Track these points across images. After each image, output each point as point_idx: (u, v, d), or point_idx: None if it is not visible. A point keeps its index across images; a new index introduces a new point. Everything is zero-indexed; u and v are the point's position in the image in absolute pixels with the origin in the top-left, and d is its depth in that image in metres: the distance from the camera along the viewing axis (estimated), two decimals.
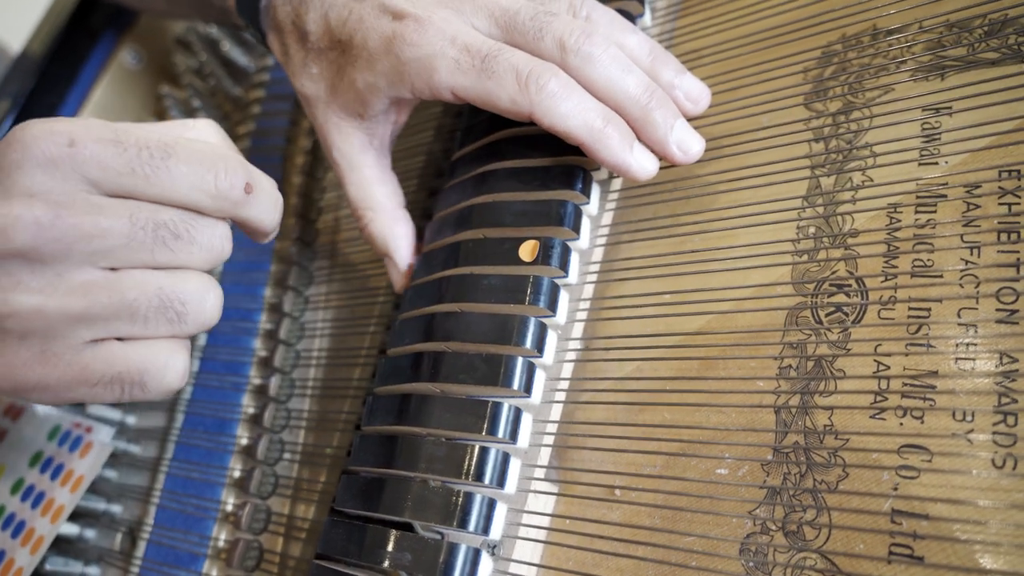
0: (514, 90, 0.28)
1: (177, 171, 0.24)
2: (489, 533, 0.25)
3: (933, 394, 0.23)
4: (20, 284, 0.23)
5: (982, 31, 0.27)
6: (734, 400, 0.26)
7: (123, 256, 0.24)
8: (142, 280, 0.24)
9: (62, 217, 0.23)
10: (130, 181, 0.23)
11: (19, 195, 0.22)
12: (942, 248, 0.25)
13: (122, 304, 0.24)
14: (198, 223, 0.25)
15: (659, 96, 0.29)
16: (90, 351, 0.24)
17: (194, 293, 0.25)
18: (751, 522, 0.24)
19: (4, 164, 0.23)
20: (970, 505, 0.21)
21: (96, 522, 0.39)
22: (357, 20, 0.31)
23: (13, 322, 0.23)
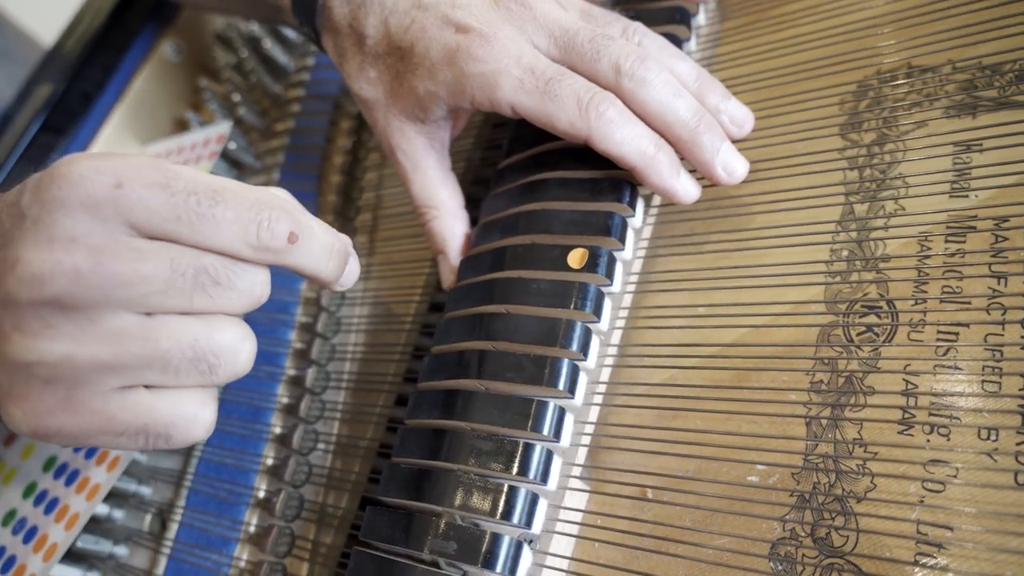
0: (574, 115, 0.29)
1: (222, 218, 0.23)
2: (532, 527, 0.27)
3: (959, 413, 0.24)
4: (50, 329, 0.22)
5: (1013, 75, 0.29)
6: (766, 410, 0.27)
7: (159, 302, 0.23)
8: (177, 329, 0.23)
9: (103, 264, 0.22)
10: (174, 227, 0.23)
11: (60, 238, 0.22)
12: (970, 276, 0.26)
13: (155, 354, 0.23)
14: (239, 269, 0.24)
15: (707, 120, 0.31)
16: (117, 400, 0.23)
17: (229, 345, 0.24)
18: (781, 527, 0.25)
19: (47, 200, 0.22)
20: (993, 519, 0.22)
21: (125, 503, 0.40)
22: (420, 29, 0.32)
23: (40, 368, 0.22)
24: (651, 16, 0.35)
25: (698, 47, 0.38)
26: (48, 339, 0.22)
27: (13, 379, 0.23)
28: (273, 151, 0.49)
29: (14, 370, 0.23)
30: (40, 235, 0.22)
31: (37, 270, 0.22)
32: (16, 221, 0.22)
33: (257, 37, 0.53)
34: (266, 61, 0.53)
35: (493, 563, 0.26)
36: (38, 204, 0.22)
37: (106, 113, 0.53)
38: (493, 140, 0.41)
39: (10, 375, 0.23)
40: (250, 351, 0.25)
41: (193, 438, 0.25)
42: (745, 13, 0.38)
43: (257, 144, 0.51)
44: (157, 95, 0.55)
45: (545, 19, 0.31)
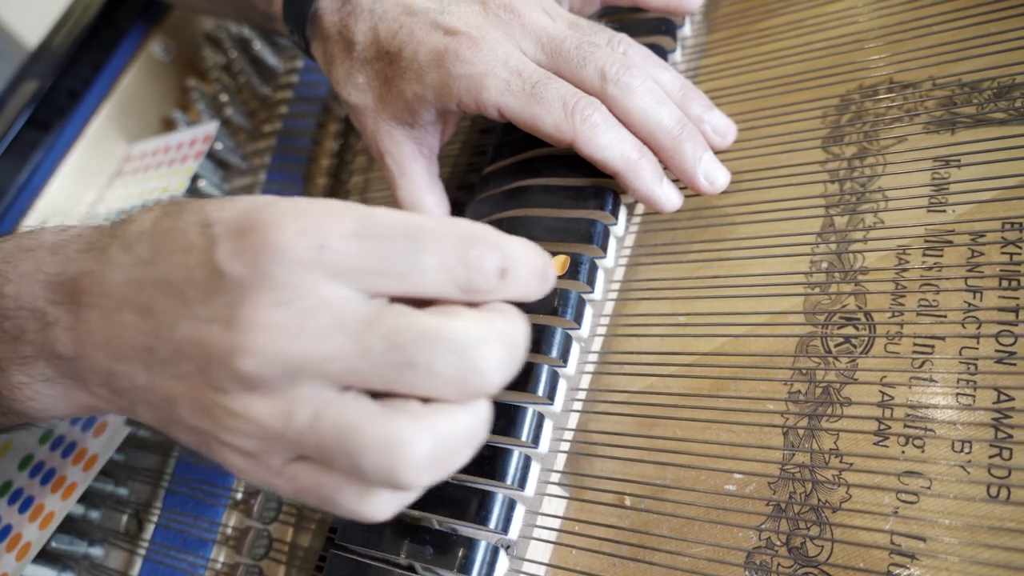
0: (560, 118, 0.29)
1: (427, 263, 0.21)
2: (508, 532, 0.27)
3: (934, 425, 0.25)
4: (249, 394, 0.21)
5: (991, 92, 0.30)
6: (744, 419, 0.28)
7: (356, 380, 0.21)
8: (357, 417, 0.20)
9: (295, 344, 0.20)
10: (379, 281, 0.21)
11: (257, 313, 0.20)
12: (947, 290, 0.27)
13: (342, 448, 0.20)
14: (435, 349, 0.20)
15: (689, 129, 0.31)
16: (295, 467, 0.22)
17: (415, 454, 0.20)
18: (757, 536, 0.25)
19: (255, 263, 0.20)
20: (966, 531, 0.23)
21: (101, 503, 0.39)
22: (408, 33, 0.32)
23: (238, 422, 0.21)
24: (637, 27, 0.35)
25: (684, 58, 0.38)
26: (249, 401, 0.21)
27: (216, 428, 0.22)
28: (260, 152, 0.49)
29: (218, 420, 0.21)
30: (254, 303, 0.20)
31: (251, 344, 0.20)
32: (215, 280, 0.21)
33: (247, 38, 0.53)
34: (255, 62, 0.53)
35: (469, 568, 0.26)
36: (243, 265, 0.20)
37: (93, 110, 0.53)
38: (479, 146, 0.41)
39: (214, 424, 0.21)
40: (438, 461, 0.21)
41: (359, 515, 0.22)
42: (731, 26, 0.38)
43: (244, 145, 0.51)
44: (145, 94, 0.55)
45: (533, 26, 0.32)
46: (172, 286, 0.21)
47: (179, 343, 0.21)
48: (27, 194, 0.50)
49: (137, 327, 0.22)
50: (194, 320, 0.21)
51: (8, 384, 0.25)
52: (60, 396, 0.25)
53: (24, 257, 0.25)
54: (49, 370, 0.24)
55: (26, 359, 0.25)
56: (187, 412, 0.22)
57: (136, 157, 0.52)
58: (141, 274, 0.22)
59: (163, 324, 0.22)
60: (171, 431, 0.23)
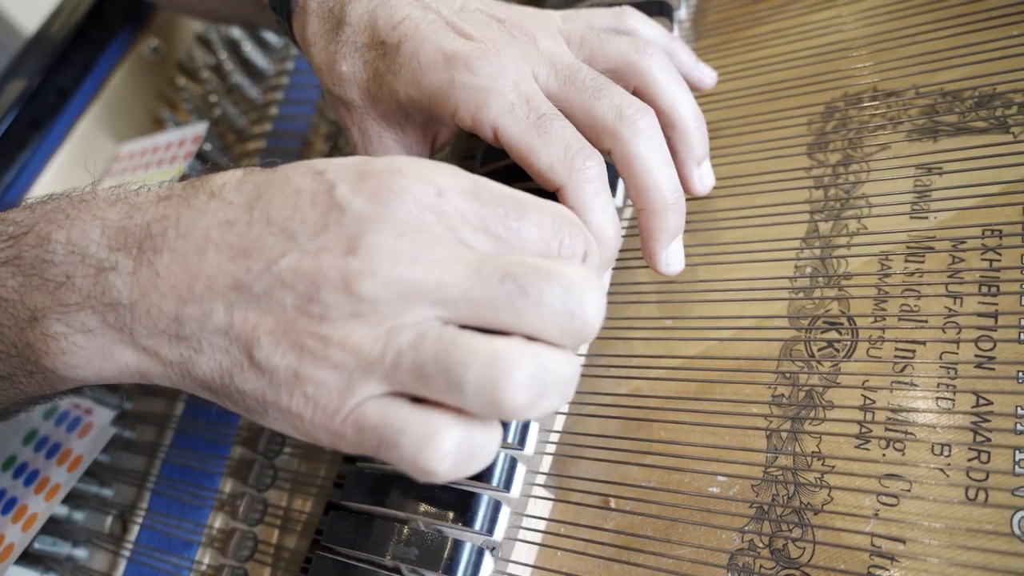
0: (558, 158, 0.27)
1: (527, 233, 0.23)
2: (493, 534, 0.27)
3: (914, 428, 0.25)
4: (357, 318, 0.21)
5: (972, 101, 0.30)
6: (728, 422, 0.28)
7: (465, 311, 0.21)
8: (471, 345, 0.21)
9: (414, 269, 0.21)
10: (480, 237, 0.22)
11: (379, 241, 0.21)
12: (928, 295, 0.27)
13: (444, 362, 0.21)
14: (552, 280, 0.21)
15: (681, 202, 0.29)
16: (371, 404, 0.22)
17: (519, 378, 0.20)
18: (740, 538, 0.26)
19: (378, 199, 0.22)
20: (945, 533, 0.23)
21: (85, 504, 0.39)
22: (412, 27, 0.29)
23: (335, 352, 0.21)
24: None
25: None
26: (351, 327, 0.21)
27: (303, 360, 0.22)
28: (249, 153, 0.49)
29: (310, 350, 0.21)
30: (373, 233, 0.21)
31: (373, 267, 0.21)
32: (333, 214, 0.22)
33: (237, 40, 0.53)
34: (245, 64, 0.53)
35: (454, 569, 0.26)
36: (366, 201, 0.22)
37: (82, 109, 0.52)
38: (469, 150, 0.41)
39: (302, 356, 0.22)
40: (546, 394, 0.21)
41: (422, 462, 0.21)
42: (718, 33, 0.38)
43: (234, 146, 0.51)
44: (134, 93, 0.54)
45: (548, 52, 0.30)
46: (276, 223, 0.22)
47: (281, 274, 0.22)
48: (14, 193, 0.50)
49: (225, 266, 0.22)
50: (302, 252, 0.22)
51: (42, 335, 0.24)
52: (98, 351, 0.24)
53: (79, 206, 0.25)
54: (93, 319, 0.23)
55: (68, 307, 0.23)
56: (268, 348, 0.22)
57: (124, 157, 0.52)
58: (234, 216, 0.23)
59: (261, 259, 0.22)
60: (234, 380, 0.23)
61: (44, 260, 0.24)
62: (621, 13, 0.33)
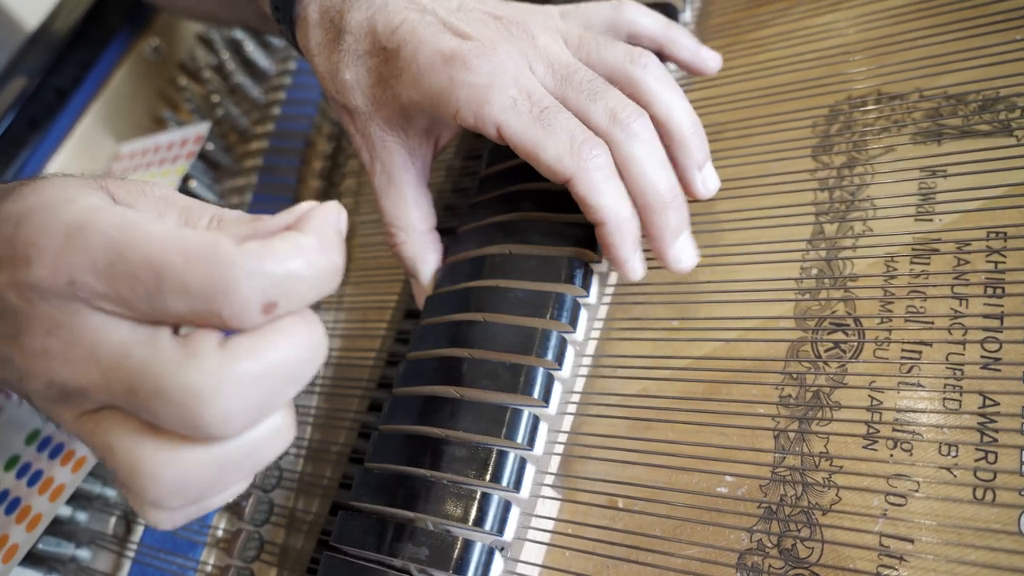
0: (564, 150, 0.28)
1: (174, 306, 0.20)
2: (504, 534, 0.27)
3: (921, 428, 0.25)
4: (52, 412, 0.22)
5: (976, 105, 0.30)
6: (736, 423, 0.28)
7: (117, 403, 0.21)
8: None
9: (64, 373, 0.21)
10: (129, 310, 0.21)
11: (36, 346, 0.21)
12: (934, 297, 0.27)
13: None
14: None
15: (681, 199, 0.30)
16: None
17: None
18: (748, 538, 0.26)
19: (25, 297, 0.21)
20: (953, 532, 0.23)
21: (89, 504, 0.39)
22: (410, 31, 0.29)
23: None
24: None
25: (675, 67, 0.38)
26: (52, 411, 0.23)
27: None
28: (252, 154, 0.48)
29: None
30: (31, 332, 0.21)
31: (32, 369, 0.22)
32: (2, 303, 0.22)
33: (238, 40, 0.53)
34: (247, 64, 0.52)
35: (464, 569, 0.26)
36: (16, 297, 0.21)
37: (82, 109, 0.52)
38: (474, 150, 0.41)
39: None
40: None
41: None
42: (723, 36, 0.39)
43: (236, 146, 0.50)
44: (135, 93, 0.54)
45: (546, 50, 0.30)
46: None
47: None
48: None
49: None
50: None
51: None
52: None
53: None
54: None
55: None
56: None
57: (125, 156, 0.52)
58: None
59: None
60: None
61: None
62: (619, 6, 0.33)
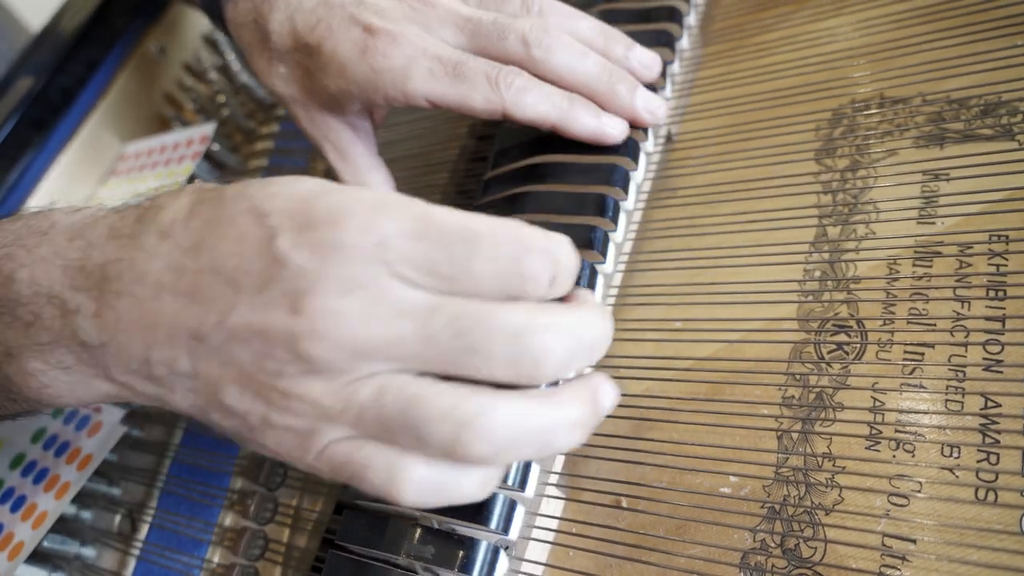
0: (487, 91, 0.30)
1: (480, 268, 0.21)
2: (509, 533, 0.27)
3: (924, 430, 0.25)
4: (306, 379, 0.21)
5: (979, 109, 0.31)
6: (739, 423, 0.28)
7: (418, 365, 0.21)
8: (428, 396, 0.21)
9: (362, 330, 0.21)
10: (434, 282, 0.22)
11: (323, 301, 0.21)
12: (936, 299, 0.27)
13: (406, 417, 0.21)
14: (502, 334, 0.21)
15: (617, 72, 0.33)
16: (338, 447, 0.22)
17: (481, 426, 0.21)
18: (751, 537, 0.26)
19: (320, 254, 0.21)
20: (955, 532, 0.23)
21: (94, 503, 0.39)
22: (326, 28, 0.32)
23: (298, 406, 0.21)
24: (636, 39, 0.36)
25: (680, 70, 0.39)
26: (307, 384, 0.21)
27: (270, 409, 0.22)
28: (258, 154, 0.49)
29: (274, 402, 0.22)
30: (317, 292, 0.21)
31: (320, 329, 0.21)
32: (276, 268, 0.21)
33: None
34: None
35: (470, 568, 0.26)
36: (308, 256, 0.21)
37: (87, 109, 0.52)
38: (478, 152, 0.42)
39: (268, 405, 0.22)
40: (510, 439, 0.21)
41: (390, 496, 0.22)
42: (726, 40, 0.39)
43: (242, 146, 0.51)
44: (140, 93, 0.54)
45: (447, 12, 0.32)
46: (223, 273, 0.21)
47: (233, 329, 0.21)
48: (18, 193, 0.50)
49: (180, 314, 0.22)
50: (251, 307, 0.21)
51: (21, 371, 0.24)
52: (78, 384, 0.24)
53: (38, 241, 0.24)
54: (69, 357, 0.24)
55: (43, 346, 0.24)
56: (235, 397, 0.22)
57: (131, 156, 0.52)
58: (183, 261, 0.22)
59: (213, 311, 0.21)
60: (209, 416, 0.23)
61: (10, 299, 0.24)
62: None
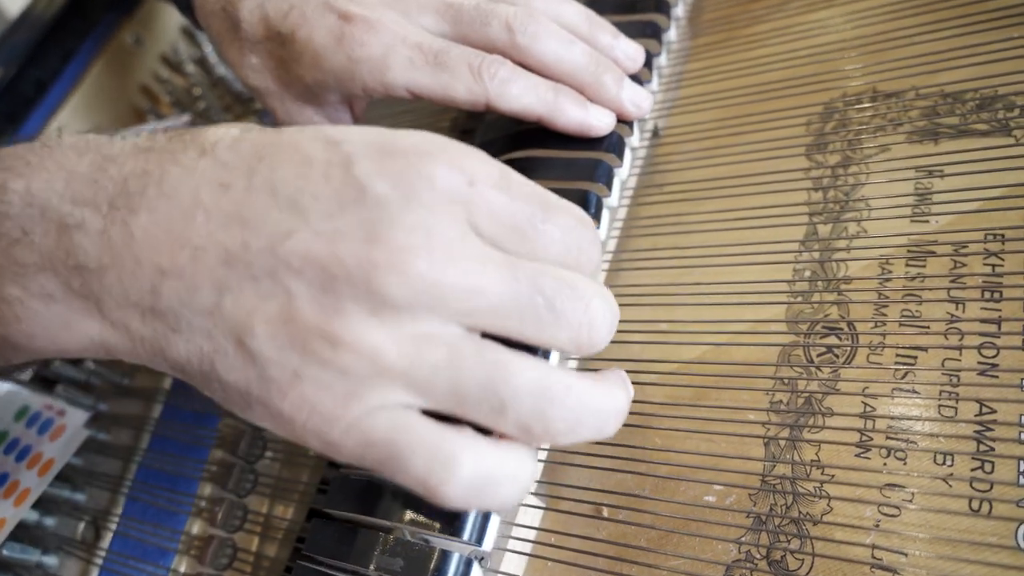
0: (469, 81, 0.29)
1: (552, 234, 0.22)
2: (483, 544, 0.26)
3: (916, 437, 0.24)
4: (374, 319, 0.19)
5: (974, 104, 0.30)
6: (725, 429, 0.27)
7: (489, 321, 0.20)
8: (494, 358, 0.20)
9: (448, 270, 0.19)
10: (508, 236, 0.21)
11: (406, 234, 0.19)
12: (929, 300, 0.26)
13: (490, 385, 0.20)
14: (574, 294, 0.21)
15: (604, 61, 0.31)
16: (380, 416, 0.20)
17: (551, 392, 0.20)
18: (736, 549, 0.25)
19: (406, 184, 0.20)
20: (948, 545, 0.22)
21: (56, 509, 0.38)
22: (300, 15, 0.30)
23: (346, 356, 0.19)
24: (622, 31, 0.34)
25: (668, 62, 0.37)
26: (368, 328, 0.19)
27: (306, 360, 0.19)
28: None
29: (314, 350, 0.19)
30: (399, 223, 0.19)
31: (401, 264, 0.19)
32: (351, 194, 0.19)
33: None
34: None
35: None
36: (391, 184, 0.20)
37: (60, 101, 0.51)
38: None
39: (304, 355, 0.19)
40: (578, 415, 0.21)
41: (435, 486, 0.20)
42: (716, 31, 0.38)
43: None
44: (115, 85, 0.53)
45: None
46: (282, 195, 0.20)
47: (287, 256, 0.19)
48: None
49: (217, 236, 0.19)
50: (314, 233, 0.19)
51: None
52: (58, 320, 0.21)
53: (40, 153, 0.22)
54: (53, 284, 0.20)
55: (26, 267, 0.20)
56: (263, 341, 0.19)
57: None
58: (231, 179, 0.20)
59: (263, 235, 0.19)
60: (214, 369, 0.20)
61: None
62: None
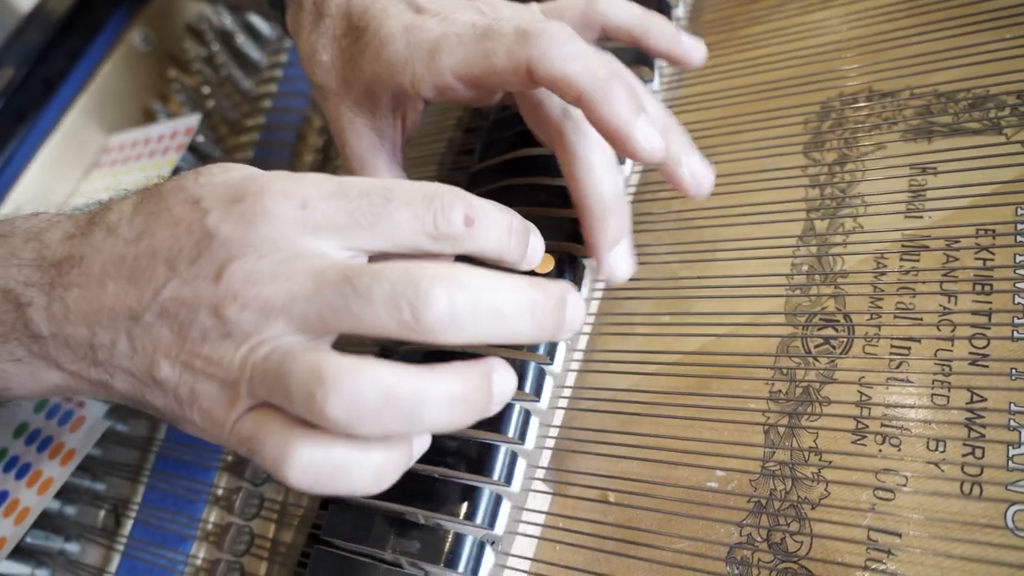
0: (512, 41, 0.26)
1: (398, 215, 0.23)
2: (495, 527, 0.27)
3: (910, 424, 0.25)
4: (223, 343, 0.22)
5: (966, 103, 0.31)
6: (726, 417, 0.28)
7: (315, 317, 0.22)
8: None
9: (267, 289, 0.22)
10: (357, 233, 0.23)
11: (241, 265, 0.22)
12: (923, 293, 0.27)
13: (277, 375, 0.21)
14: (402, 278, 0.21)
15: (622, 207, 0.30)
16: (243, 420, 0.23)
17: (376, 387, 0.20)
18: (738, 532, 0.26)
19: (245, 224, 0.23)
20: (940, 526, 0.23)
21: (78, 498, 0.39)
22: (380, 10, 0.31)
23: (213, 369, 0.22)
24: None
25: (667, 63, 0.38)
26: (224, 348, 0.22)
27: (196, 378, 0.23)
28: (242, 146, 0.48)
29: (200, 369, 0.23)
30: (238, 258, 0.22)
31: (236, 291, 0.22)
32: (205, 242, 0.23)
33: (229, 31, 0.53)
34: (238, 56, 0.52)
35: (455, 563, 0.26)
36: (233, 227, 0.23)
37: (69, 101, 0.52)
38: (465, 145, 0.41)
39: (194, 375, 0.23)
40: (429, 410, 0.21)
41: (280, 476, 0.21)
42: (715, 32, 0.39)
43: (227, 138, 0.50)
44: (124, 84, 0.54)
45: (504, 8, 0.31)
46: (160, 256, 0.23)
47: (165, 303, 0.23)
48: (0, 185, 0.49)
49: (121, 297, 0.24)
50: (182, 281, 0.23)
51: None
52: (28, 376, 0.26)
53: (1, 243, 0.26)
54: (20, 349, 0.25)
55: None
56: (166, 370, 0.23)
57: (115, 148, 0.51)
58: (126, 251, 0.24)
59: (149, 290, 0.23)
60: (145, 397, 0.24)
61: None
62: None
